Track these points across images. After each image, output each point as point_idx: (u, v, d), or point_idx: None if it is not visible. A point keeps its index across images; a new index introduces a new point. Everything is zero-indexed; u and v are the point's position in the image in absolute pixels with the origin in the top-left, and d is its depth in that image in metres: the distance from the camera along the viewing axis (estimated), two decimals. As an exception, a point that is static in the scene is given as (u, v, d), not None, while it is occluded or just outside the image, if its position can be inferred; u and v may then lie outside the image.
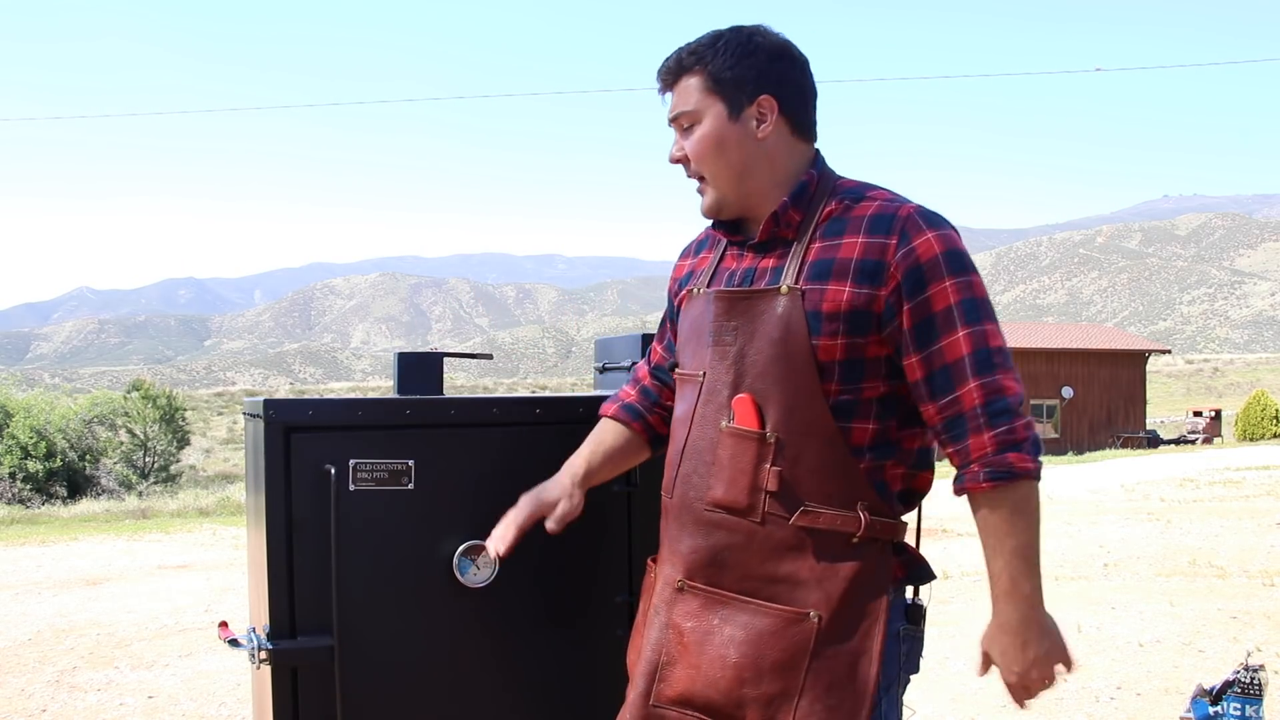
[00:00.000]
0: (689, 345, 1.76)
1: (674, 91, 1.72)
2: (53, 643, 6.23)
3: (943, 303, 1.56)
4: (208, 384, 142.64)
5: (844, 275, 1.59)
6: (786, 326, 1.60)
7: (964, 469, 1.57)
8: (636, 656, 1.77)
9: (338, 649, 1.85)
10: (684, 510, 1.69)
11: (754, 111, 1.67)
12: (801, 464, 1.59)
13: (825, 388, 1.60)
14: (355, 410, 1.94)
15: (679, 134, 1.73)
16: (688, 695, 1.64)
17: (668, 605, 1.70)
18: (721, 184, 1.70)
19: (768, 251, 1.69)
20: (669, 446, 1.79)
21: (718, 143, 1.68)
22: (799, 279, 1.62)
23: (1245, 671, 2.91)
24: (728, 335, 1.66)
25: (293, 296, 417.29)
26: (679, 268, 1.91)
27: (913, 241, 1.57)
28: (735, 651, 1.60)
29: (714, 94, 1.67)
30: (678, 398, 1.79)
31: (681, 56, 1.71)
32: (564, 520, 1.85)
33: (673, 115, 1.72)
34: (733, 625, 1.62)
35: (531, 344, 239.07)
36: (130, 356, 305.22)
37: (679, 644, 1.66)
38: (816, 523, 1.59)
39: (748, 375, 1.63)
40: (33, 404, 30.57)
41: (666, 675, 1.67)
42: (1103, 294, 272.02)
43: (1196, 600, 6.61)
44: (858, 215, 1.63)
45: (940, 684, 4.81)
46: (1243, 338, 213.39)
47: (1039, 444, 1.57)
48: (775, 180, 1.69)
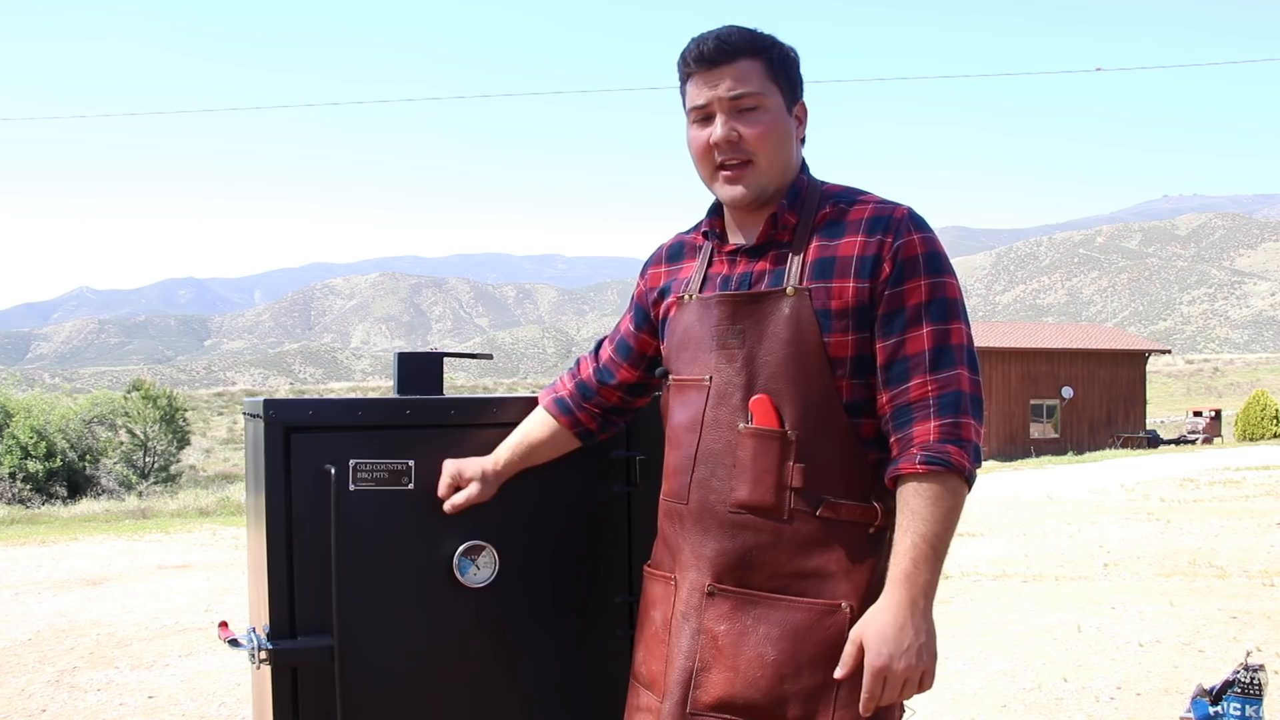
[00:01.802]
0: (684, 352, 1.76)
1: (727, 69, 1.66)
2: (53, 643, 6.23)
3: (915, 298, 1.62)
4: (208, 384, 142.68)
5: (847, 272, 1.63)
6: (797, 326, 1.62)
7: (903, 453, 1.59)
8: (662, 667, 1.73)
9: (338, 649, 1.85)
10: (705, 515, 1.69)
11: (798, 111, 1.73)
12: (820, 460, 1.62)
13: (838, 384, 1.63)
14: (355, 410, 1.94)
15: (727, 115, 1.67)
16: (728, 699, 1.64)
17: (697, 611, 1.69)
18: (773, 172, 1.69)
19: (761, 255, 1.71)
20: (674, 452, 1.78)
21: (780, 133, 1.69)
22: (803, 279, 1.64)
23: (1245, 671, 2.91)
24: (734, 339, 1.67)
25: (293, 296, 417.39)
26: (653, 275, 1.90)
27: (903, 239, 1.63)
28: (773, 649, 1.62)
29: (775, 83, 1.69)
30: (677, 404, 1.78)
31: (743, 36, 1.67)
32: (463, 507, 1.88)
33: (734, 93, 1.65)
34: (768, 623, 1.63)
35: (531, 344, 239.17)
36: (130, 356, 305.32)
37: (713, 648, 1.66)
38: (838, 514, 1.62)
39: (761, 376, 1.65)
40: (33, 404, 30.58)
41: (703, 682, 1.66)
42: (1103, 294, 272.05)
43: (1196, 600, 6.61)
44: (854, 218, 1.66)
45: (939, 684, 4.81)
46: (1243, 338, 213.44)
47: (980, 453, 1.60)
48: (788, 183, 1.72)
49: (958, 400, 1.58)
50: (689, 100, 1.71)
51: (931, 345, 1.60)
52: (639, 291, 1.94)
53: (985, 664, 5.17)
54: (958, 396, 1.58)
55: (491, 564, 1.94)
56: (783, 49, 1.70)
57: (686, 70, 1.71)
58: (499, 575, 1.94)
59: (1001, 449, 33.83)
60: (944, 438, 1.56)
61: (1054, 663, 5.17)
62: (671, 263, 1.88)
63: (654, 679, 1.76)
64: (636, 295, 1.94)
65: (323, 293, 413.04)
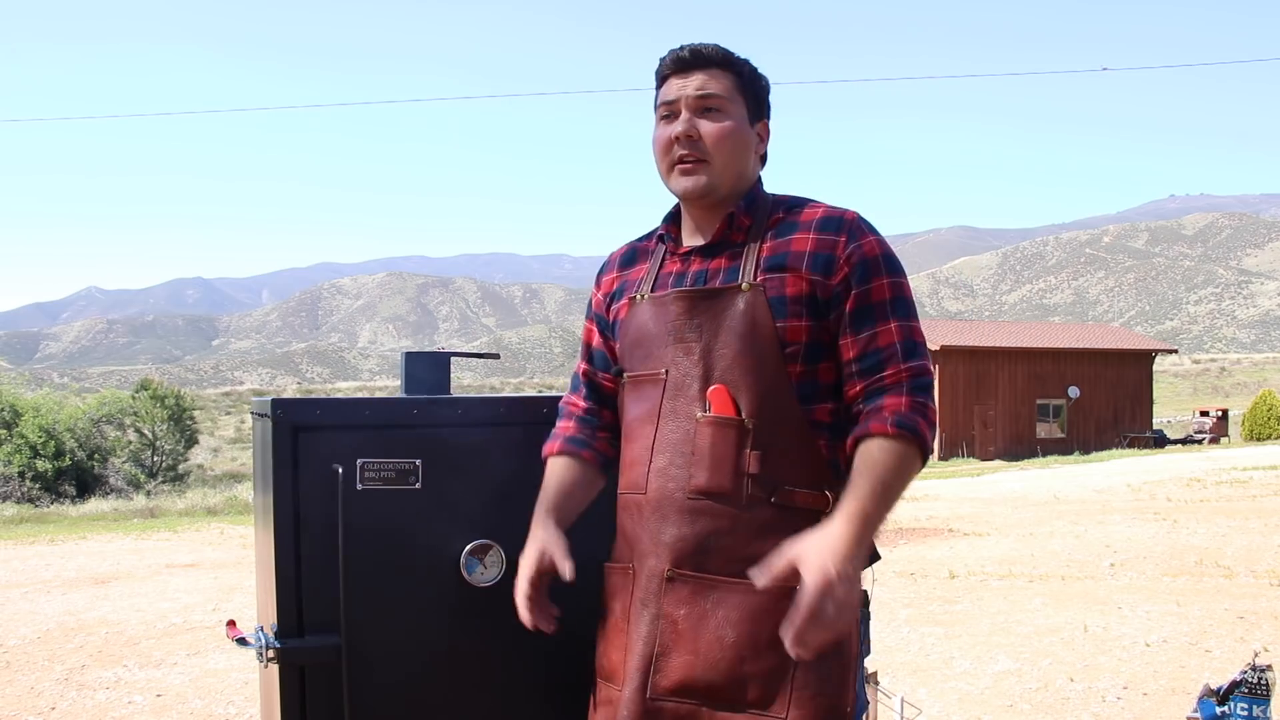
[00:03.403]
0: (638, 349, 1.81)
1: (701, 73, 1.79)
2: (61, 641, 6.26)
3: (880, 295, 1.71)
4: (215, 383, 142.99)
5: (799, 265, 1.72)
6: (752, 320, 1.70)
7: (873, 418, 1.65)
8: (622, 656, 1.76)
9: (345, 648, 1.86)
10: (664, 502, 1.72)
11: (760, 128, 1.85)
12: (776, 447, 1.69)
13: (790, 369, 1.70)
14: (363, 410, 1.95)
15: (690, 112, 1.78)
16: (687, 682, 1.67)
17: (656, 597, 1.72)
18: (724, 173, 1.78)
19: (716, 255, 1.79)
20: (630, 445, 1.81)
21: (738, 138, 1.79)
22: (757, 275, 1.72)
23: (1252, 671, 2.90)
24: (691, 333, 1.74)
25: (300, 296, 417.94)
26: (607, 282, 1.94)
27: (859, 240, 1.73)
28: (733, 631, 1.65)
29: (742, 96, 1.80)
30: (632, 399, 1.82)
31: (718, 50, 1.80)
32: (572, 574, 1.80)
33: (702, 91, 1.77)
34: (726, 606, 1.67)
35: (538, 343, 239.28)
36: (138, 356, 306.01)
37: (673, 633, 1.69)
38: (793, 500, 1.68)
39: (717, 368, 1.71)
40: (41, 403, 30.70)
41: (662, 666, 1.69)
42: (1109, 294, 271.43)
43: (1203, 600, 6.60)
44: (805, 219, 1.77)
45: (946, 684, 4.81)
46: (1249, 337, 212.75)
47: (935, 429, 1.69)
48: (740, 191, 1.81)
49: (928, 387, 1.69)
50: (659, 98, 1.82)
51: (901, 338, 1.70)
52: (595, 301, 1.97)
53: (991, 664, 5.16)
54: (928, 384, 1.69)
55: (499, 563, 1.95)
56: (755, 71, 1.83)
57: (662, 74, 1.83)
58: (506, 574, 1.94)
59: (1008, 449, 33.76)
60: (915, 411, 1.65)
61: (1060, 662, 5.16)
62: (624, 268, 1.93)
63: (614, 669, 1.79)
64: (594, 305, 1.97)
65: (330, 292, 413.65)
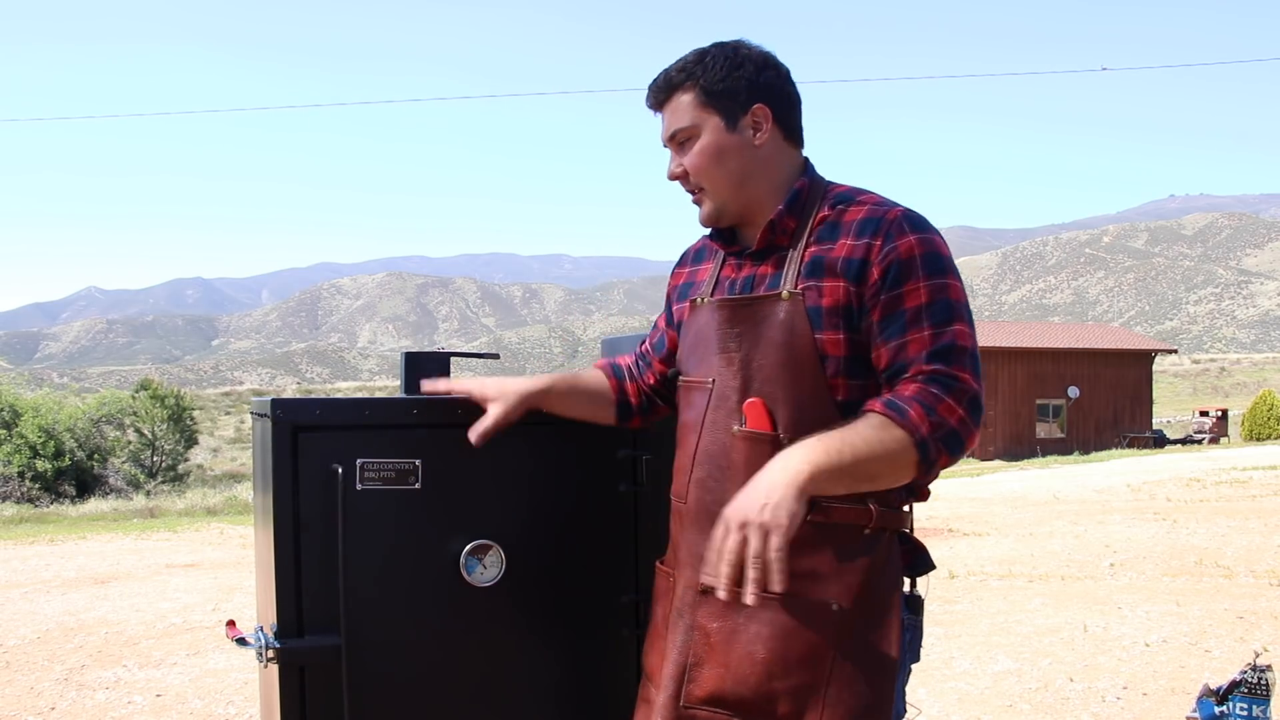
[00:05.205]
0: (694, 354, 1.80)
1: (667, 110, 1.77)
2: (61, 641, 6.25)
3: (914, 301, 1.61)
4: (215, 383, 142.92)
5: (834, 273, 1.64)
6: (790, 330, 1.65)
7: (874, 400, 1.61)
8: (660, 660, 1.78)
9: (345, 648, 1.85)
10: (701, 514, 1.72)
11: (750, 121, 1.73)
12: None
13: (832, 384, 1.64)
14: (362, 410, 1.95)
15: (674, 151, 1.77)
16: (718, 694, 1.66)
17: (691, 608, 1.72)
18: (722, 193, 1.75)
19: (764, 259, 1.74)
20: (679, 452, 1.82)
21: (717, 153, 1.73)
22: (797, 283, 1.66)
23: (1252, 671, 2.90)
24: (732, 342, 1.71)
25: (300, 296, 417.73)
26: (677, 275, 1.95)
27: (895, 242, 1.63)
28: (763, 647, 1.63)
29: (709, 107, 1.73)
30: (685, 405, 1.82)
31: (671, 74, 1.75)
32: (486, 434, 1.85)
33: (669, 133, 1.76)
34: (758, 622, 1.64)
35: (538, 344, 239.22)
36: (138, 356, 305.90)
37: (706, 645, 1.69)
38: (830, 517, 1.62)
39: (755, 379, 1.67)
40: (41, 403, 30.67)
41: (695, 676, 1.69)
42: (1109, 294, 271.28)
43: (1203, 600, 6.60)
44: (849, 220, 1.68)
45: (945, 684, 4.81)
46: (1249, 337, 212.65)
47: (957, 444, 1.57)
48: (772, 186, 1.74)
49: (954, 389, 1.57)
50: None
51: (932, 346, 1.60)
52: (669, 290, 1.98)
53: (991, 664, 5.17)
54: (955, 386, 1.58)
55: (498, 563, 1.95)
56: (713, 66, 1.72)
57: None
58: (505, 574, 1.95)
59: (1007, 449, 33.77)
60: (918, 399, 1.57)
61: (1060, 662, 5.16)
62: (694, 264, 1.92)
63: (653, 671, 1.81)
64: (667, 293, 1.99)
65: (330, 292, 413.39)
